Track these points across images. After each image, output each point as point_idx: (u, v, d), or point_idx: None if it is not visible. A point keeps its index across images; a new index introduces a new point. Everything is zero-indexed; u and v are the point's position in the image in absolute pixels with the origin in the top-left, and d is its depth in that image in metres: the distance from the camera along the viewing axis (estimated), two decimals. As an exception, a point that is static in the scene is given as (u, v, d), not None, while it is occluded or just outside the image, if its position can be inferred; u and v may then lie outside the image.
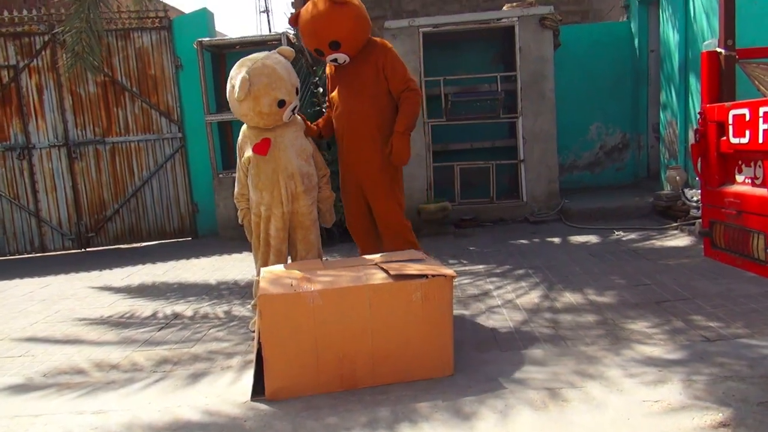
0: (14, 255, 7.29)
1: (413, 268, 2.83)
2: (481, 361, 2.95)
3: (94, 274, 5.87)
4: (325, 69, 6.56)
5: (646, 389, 2.51)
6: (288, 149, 3.49)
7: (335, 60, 3.63)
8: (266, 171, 3.47)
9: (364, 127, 3.66)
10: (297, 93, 3.48)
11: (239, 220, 3.73)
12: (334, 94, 3.78)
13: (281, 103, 3.38)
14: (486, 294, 4.09)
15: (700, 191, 4.58)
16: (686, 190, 5.83)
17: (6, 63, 7.08)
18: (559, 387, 2.59)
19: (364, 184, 3.75)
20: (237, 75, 3.36)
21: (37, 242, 7.33)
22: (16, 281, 5.83)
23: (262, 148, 3.47)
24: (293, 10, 9.46)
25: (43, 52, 7.10)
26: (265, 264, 3.51)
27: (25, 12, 7.20)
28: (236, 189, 3.67)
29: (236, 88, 3.30)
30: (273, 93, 3.34)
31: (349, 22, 3.52)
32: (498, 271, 4.72)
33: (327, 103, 3.99)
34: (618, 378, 2.63)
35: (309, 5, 3.56)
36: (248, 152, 3.51)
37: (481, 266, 4.90)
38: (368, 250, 3.80)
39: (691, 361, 2.74)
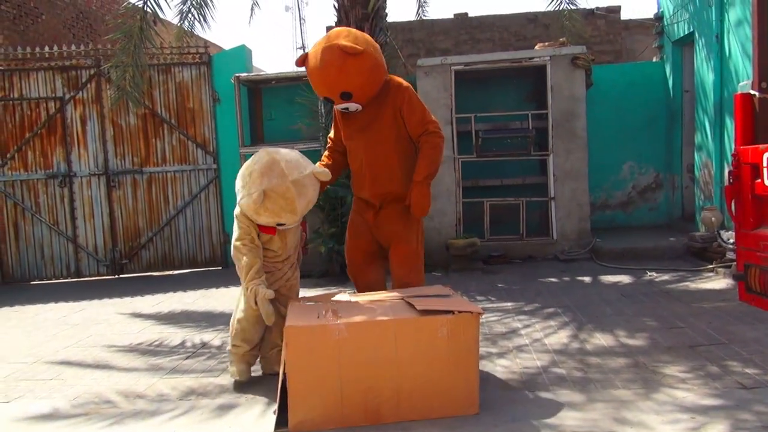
0: (51, 279, 7.48)
1: (440, 304, 2.82)
2: (507, 400, 2.90)
3: (126, 300, 5.98)
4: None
5: (678, 436, 2.43)
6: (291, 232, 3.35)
7: (346, 109, 3.33)
8: (274, 248, 3.31)
9: (387, 174, 3.38)
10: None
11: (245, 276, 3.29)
12: (349, 141, 3.48)
13: (280, 224, 3.19)
14: (513, 332, 4.04)
15: (734, 234, 4.49)
16: (722, 232, 5.71)
17: (53, 95, 7.39)
18: (587, 430, 2.53)
19: (383, 226, 3.49)
20: (257, 180, 3.03)
21: (73, 267, 7.52)
22: (51, 305, 5.97)
23: (270, 229, 3.24)
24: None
25: (88, 85, 7.40)
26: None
27: (73, 47, 7.54)
28: (239, 244, 3.25)
29: (247, 196, 3.05)
30: (278, 218, 3.12)
31: (362, 75, 3.21)
32: (526, 309, 4.66)
33: (329, 144, 3.66)
34: (651, 424, 2.56)
35: (318, 50, 3.22)
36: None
37: (509, 304, 4.84)
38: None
39: (728, 409, 2.65)
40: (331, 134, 3.63)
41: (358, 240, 3.56)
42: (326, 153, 3.65)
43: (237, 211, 3.27)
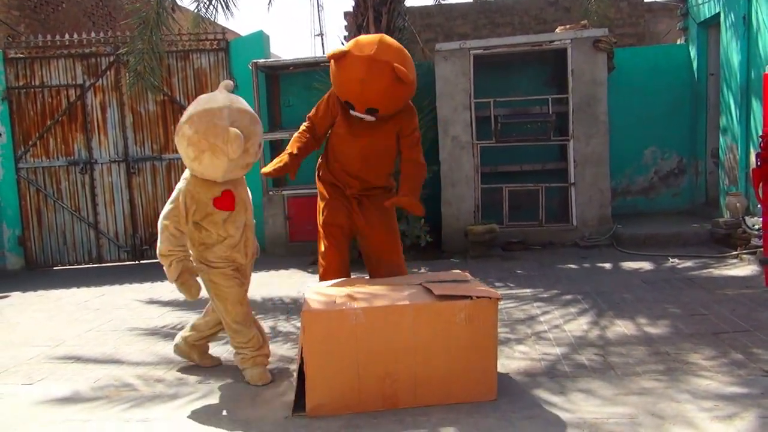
0: (73, 265, 7.58)
1: (458, 289, 2.79)
2: (525, 387, 2.87)
3: (146, 285, 6.04)
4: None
5: (701, 424, 2.38)
6: (248, 201, 3.24)
7: (360, 117, 3.26)
8: (236, 225, 3.13)
9: (378, 171, 3.46)
10: None
11: (172, 279, 3.08)
12: (343, 134, 3.39)
13: (260, 145, 3.09)
14: (532, 318, 4.00)
15: (761, 218, 4.39)
16: (747, 218, 5.59)
17: (74, 82, 7.44)
18: (607, 418, 2.50)
19: (363, 220, 3.49)
20: (216, 131, 2.87)
21: (94, 253, 7.61)
22: (73, 290, 6.05)
23: (227, 202, 3.08)
24: (346, 33, 9.63)
25: (108, 72, 7.44)
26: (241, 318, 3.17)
27: (93, 34, 7.58)
28: (165, 245, 3.02)
29: (229, 145, 2.86)
30: (259, 138, 3.05)
31: (399, 102, 3.21)
32: (545, 295, 4.61)
33: (308, 124, 3.51)
34: (673, 412, 2.51)
35: (364, 58, 3.04)
36: (204, 207, 3.05)
37: (528, 290, 4.80)
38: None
39: (752, 397, 2.59)
40: (313, 114, 3.47)
41: (337, 217, 3.47)
42: (302, 131, 3.48)
43: (182, 185, 3.06)
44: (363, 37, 3.20)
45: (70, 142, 7.50)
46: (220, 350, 3.69)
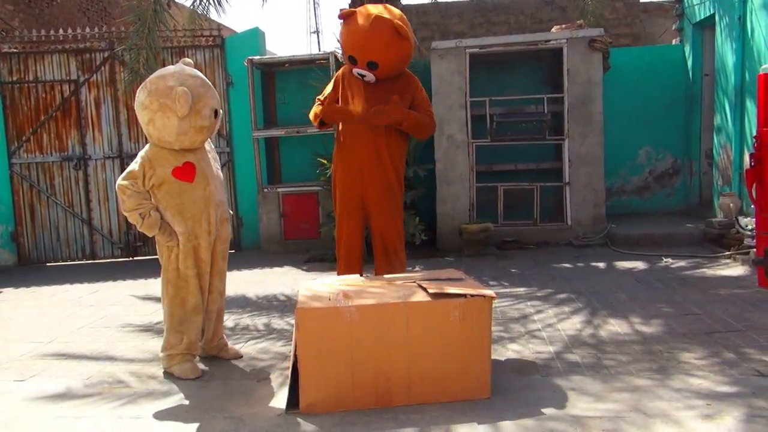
0: (66, 261, 7.55)
1: (452, 287, 2.80)
2: (519, 385, 2.88)
3: (140, 282, 6.02)
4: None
5: (692, 423, 2.40)
6: (213, 175, 3.26)
7: (362, 75, 3.67)
8: (193, 198, 3.13)
9: (376, 147, 3.73)
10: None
11: (152, 230, 3.11)
12: (350, 106, 3.77)
13: (216, 113, 3.18)
14: (526, 317, 4.01)
15: (754, 219, 4.41)
16: (740, 218, 5.62)
17: (68, 77, 7.41)
18: (600, 416, 2.51)
19: (370, 201, 3.81)
20: (165, 90, 3.01)
21: (88, 249, 7.58)
22: (67, 286, 6.03)
23: (187, 173, 3.10)
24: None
25: (102, 68, 7.41)
26: (184, 305, 3.19)
27: (87, 29, 7.54)
28: (130, 202, 3.06)
29: (177, 104, 2.96)
30: (211, 102, 3.14)
31: (397, 56, 3.59)
32: (539, 294, 4.62)
33: (323, 100, 3.90)
34: (666, 411, 2.52)
35: (371, 15, 3.52)
36: (162, 175, 3.09)
37: (522, 289, 4.81)
38: (351, 271, 3.85)
39: (743, 396, 2.61)
40: (325, 95, 3.88)
41: (352, 221, 3.88)
42: (321, 103, 3.89)
43: (142, 152, 3.15)
44: (368, 4, 3.68)
45: (64, 138, 7.47)
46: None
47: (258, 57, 7.14)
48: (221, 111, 3.29)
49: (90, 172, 7.50)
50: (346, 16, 3.57)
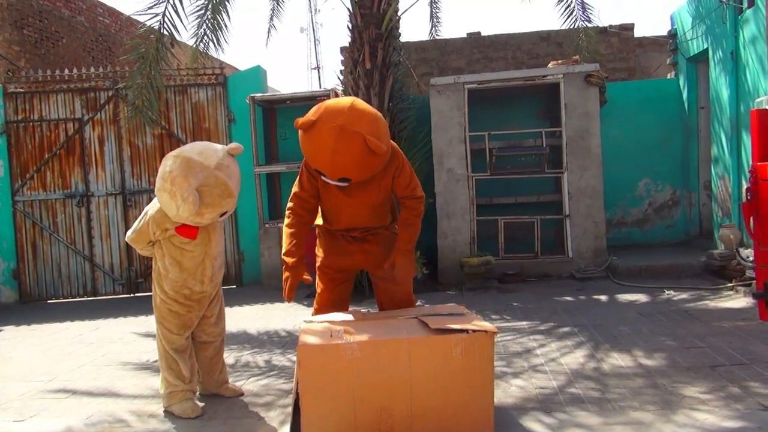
0: (68, 298, 7.54)
1: (454, 323, 2.79)
2: (522, 420, 2.86)
3: (141, 318, 6.00)
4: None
5: (699, 459, 2.37)
6: (215, 230, 3.30)
7: (332, 183, 2.98)
8: (193, 254, 3.19)
9: (376, 220, 3.26)
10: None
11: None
12: (329, 196, 3.13)
13: (223, 214, 3.13)
14: (529, 352, 3.99)
15: (753, 251, 4.41)
16: (741, 250, 5.62)
17: (72, 116, 7.51)
18: (605, 453, 2.48)
19: (375, 269, 3.32)
20: (183, 184, 2.90)
21: (89, 286, 7.58)
22: (67, 324, 6.01)
23: (190, 231, 3.14)
24: (342, 68, 9.78)
25: (106, 106, 7.52)
26: (172, 344, 3.22)
27: (92, 69, 7.68)
28: (133, 236, 3.25)
29: (182, 203, 2.91)
30: (221, 209, 3.06)
31: (374, 169, 2.92)
32: (542, 328, 4.60)
33: (295, 202, 3.17)
34: (669, 446, 2.50)
35: (334, 128, 2.74)
36: (166, 231, 3.16)
37: (524, 323, 4.79)
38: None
39: (750, 431, 2.58)
40: (298, 189, 3.16)
41: (334, 260, 3.31)
42: (291, 219, 3.17)
43: (152, 212, 3.17)
44: (332, 103, 2.88)
45: (68, 175, 7.54)
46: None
47: (260, 94, 7.26)
48: (232, 210, 3.18)
49: (93, 209, 7.54)
50: (307, 127, 2.80)
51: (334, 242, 3.30)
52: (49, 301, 7.49)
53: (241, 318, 5.66)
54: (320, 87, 13.60)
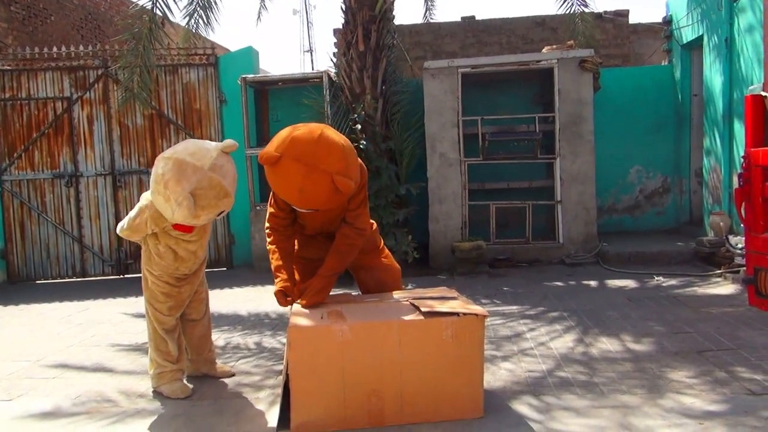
0: (56, 279, 7.49)
1: (445, 306, 2.79)
2: (511, 404, 2.87)
3: (131, 300, 5.98)
4: (363, 107, 6.73)
5: (685, 442, 2.40)
6: (207, 227, 3.29)
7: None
8: (189, 244, 3.20)
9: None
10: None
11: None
12: (303, 214, 3.02)
13: (219, 213, 3.06)
14: (519, 336, 4.00)
15: (744, 237, 4.44)
16: (731, 237, 5.66)
17: (61, 95, 7.41)
18: (593, 435, 2.50)
19: (357, 260, 3.24)
20: (176, 188, 2.82)
21: (78, 267, 7.53)
22: (56, 304, 5.97)
23: (186, 227, 3.12)
24: (336, 50, 9.69)
25: (96, 85, 7.42)
26: (162, 325, 3.22)
27: (81, 47, 7.56)
28: (127, 233, 3.19)
29: (177, 208, 2.86)
30: (217, 210, 2.99)
31: (341, 203, 2.88)
32: (531, 312, 4.62)
33: (273, 222, 3.15)
34: (657, 430, 2.52)
35: (300, 165, 2.64)
36: (162, 225, 3.12)
37: (514, 307, 4.81)
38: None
39: (735, 415, 2.61)
40: (274, 208, 3.12)
41: (315, 249, 3.26)
42: (274, 237, 3.15)
43: (150, 211, 3.08)
44: (299, 135, 2.72)
45: (56, 155, 7.45)
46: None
47: (251, 75, 7.18)
48: (229, 209, 3.12)
49: (81, 189, 7.47)
50: (272, 163, 2.70)
51: (308, 237, 3.30)
52: (37, 282, 7.44)
53: (231, 300, 5.65)
54: (313, 69, 13.46)
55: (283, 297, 2.97)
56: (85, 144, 7.46)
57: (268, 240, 3.17)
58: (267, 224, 3.18)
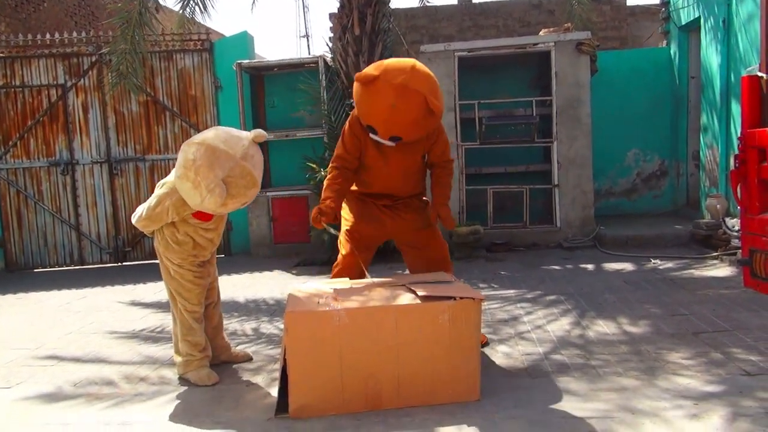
0: (54, 267, 7.49)
1: (441, 290, 2.80)
2: (509, 387, 2.89)
3: (129, 287, 5.98)
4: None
5: (679, 423, 2.42)
6: (225, 215, 3.30)
7: (380, 141, 3.11)
8: (208, 232, 3.19)
9: (413, 183, 3.43)
10: None
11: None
12: (373, 158, 3.24)
13: (243, 203, 3.08)
14: (516, 319, 4.02)
15: (740, 219, 4.44)
16: (727, 219, 5.67)
17: (55, 82, 7.36)
18: (588, 416, 2.52)
19: (406, 236, 3.49)
20: (209, 174, 2.82)
21: (76, 255, 7.53)
22: (54, 292, 5.98)
23: (206, 214, 3.11)
24: (331, 35, 9.62)
25: (90, 72, 7.37)
26: (192, 314, 3.22)
27: (75, 34, 7.50)
28: (145, 222, 3.14)
29: (208, 195, 2.84)
30: (244, 199, 3.01)
31: (428, 130, 3.11)
32: (529, 296, 4.64)
33: (338, 162, 3.27)
34: (654, 410, 2.54)
35: (397, 85, 2.83)
36: (182, 215, 3.10)
37: (511, 291, 4.82)
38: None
39: (730, 396, 2.63)
40: (341, 151, 3.26)
41: (362, 226, 3.37)
42: (335, 173, 3.26)
43: (167, 192, 3.05)
44: (394, 62, 2.97)
45: (52, 143, 7.42)
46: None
47: (247, 61, 7.13)
48: (252, 200, 3.12)
49: (78, 177, 7.45)
50: (367, 82, 2.89)
51: (365, 209, 3.38)
52: (35, 270, 7.44)
53: (229, 287, 5.65)
54: (309, 54, 13.36)
55: (318, 215, 3.07)
56: (80, 132, 7.43)
57: (329, 176, 3.26)
58: (331, 164, 3.28)
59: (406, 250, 3.55)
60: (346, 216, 3.43)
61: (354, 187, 3.42)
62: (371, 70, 2.91)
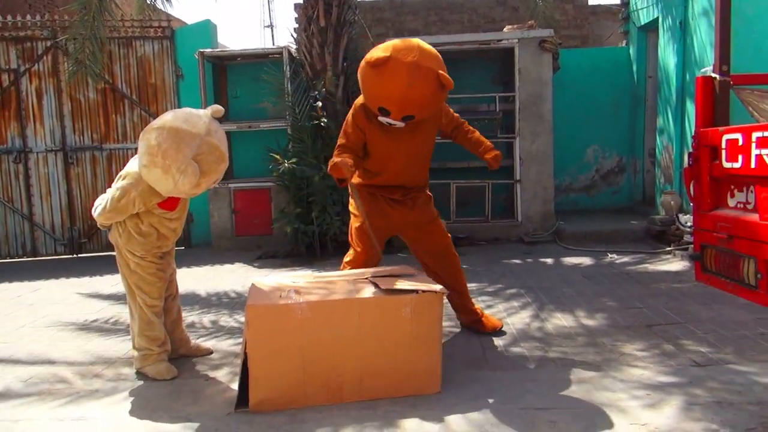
0: (6, 258, 7.24)
1: (404, 283, 2.81)
2: (469, 379, 2.92)
3: (85, 279, 5.83)
4: (324, 83, 6.63)
5: (634, 412, 2.49)
6: (187, 202, 3.27)
7: (390, 123, 3.09)
8: (169, 223, 3.14)
9: (423, 170, 3.51)
10: None
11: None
12: (380, 144, 3.23)
13: (215, 180, 3.04)
14: (477, 312, 4.06)
15: (692, 216, 4.58)
16: (681, 215, 5.84)
17: (7, 67, 7.09)
18: (547, 407, 2.57)
19: (414, 232, 3.57)
20: (177, 156, 2.76)
21: (29, 246, 7.29)
22: (5, 284, 5.78)
23: (171, 203, 3.08)
24: (296, 25, 9.52)
25: (44, 58, 7.12)
26: (151, 308, 3.15)
27: (28, 17, 7.24)
28: (110, 215, 3.03)
29: (180, 177, 2.78)
30: (216, 176, 2.96)
31: (437, 107, 3.18)
32: (490, 290, 4.70)
33: (342, 144, 3.25)
34: (609, 401, 2.61)
35: (409, 64, 2.88)
36: (147, 205, 3.03)
37: (473, 284, 4.87)
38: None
39: (681, 386, 2.72)
40: (344, 140, 3.25)
41: (379, 219, 3.38)
42: (339, 151, 3.25)
43: (132, 184, 2.96)
44: (400, 42, 3.00)
45: (3, 130, 7.16)
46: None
47: (209, 50, 7.00)
48: (221, 177, 3.06)
49: (31, 165, 7.21)
50: (380, 64, 2.90)
51: (376, 204, 3.40)
52: (-15, 262, 7.18)
53: (189, 279, 5.56)
54: (273, 45, 13.20)
55: (336, 165, 3.00)
56: (34, 119, 7.18)
57: (335, 154, 3.22)
58: (336, 150, 3.25)
59: (411, 242, 3.66)
60: (356, 212, 3.43)
61: (363, 181, 3.42)
62: (379, 52, 2.95)
